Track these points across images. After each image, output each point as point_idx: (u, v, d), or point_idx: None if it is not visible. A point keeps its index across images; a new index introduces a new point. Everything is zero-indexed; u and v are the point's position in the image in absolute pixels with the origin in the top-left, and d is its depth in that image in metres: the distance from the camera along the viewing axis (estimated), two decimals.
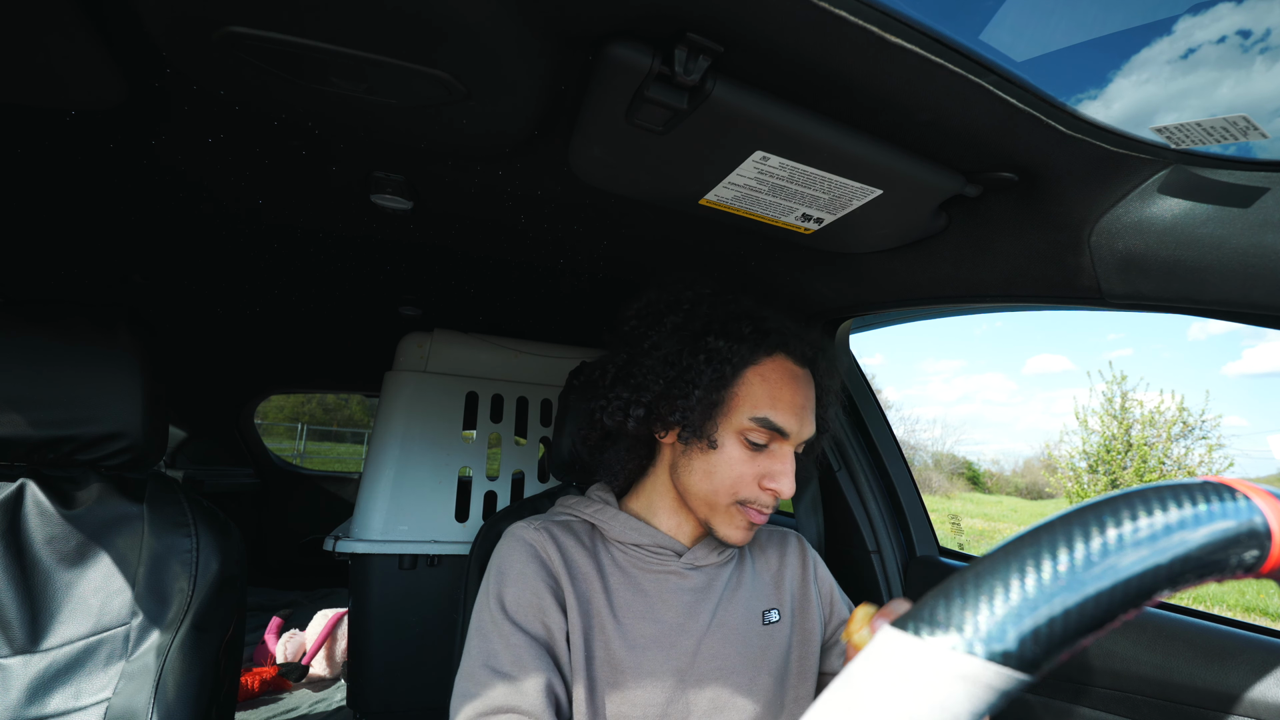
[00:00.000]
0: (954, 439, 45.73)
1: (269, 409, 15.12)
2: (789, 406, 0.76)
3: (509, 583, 0.73)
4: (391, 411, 1.50)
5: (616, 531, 0.81)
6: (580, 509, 0.85)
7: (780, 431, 0.75)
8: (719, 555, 0.83)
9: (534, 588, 0.73)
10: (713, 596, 0.79)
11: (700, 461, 0.77)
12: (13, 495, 0.78)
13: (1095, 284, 0.69)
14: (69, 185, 0.93)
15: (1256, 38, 0.50)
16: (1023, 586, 0.24)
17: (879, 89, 0.53)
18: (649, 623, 0.75)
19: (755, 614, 0.81)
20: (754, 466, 0.75)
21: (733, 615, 0.79)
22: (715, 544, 0.83)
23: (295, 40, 0.50)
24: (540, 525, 0.80)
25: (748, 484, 0.75)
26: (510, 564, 0.75)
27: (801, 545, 0.92)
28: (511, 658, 0.67)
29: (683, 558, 0.80)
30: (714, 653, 0.76)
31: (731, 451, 0.75)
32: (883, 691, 0.24)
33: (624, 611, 0.76)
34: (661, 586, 0.78)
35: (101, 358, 0.81)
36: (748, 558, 0.87)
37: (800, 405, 0.77)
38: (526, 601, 0.72)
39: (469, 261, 1.25)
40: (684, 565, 0.80)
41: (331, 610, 2.56)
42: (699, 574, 0.80)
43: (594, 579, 0.77)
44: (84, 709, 0.74)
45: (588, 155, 0.68)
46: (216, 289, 1.56)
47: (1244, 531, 0.24)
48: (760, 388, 0.76)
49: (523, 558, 0.75)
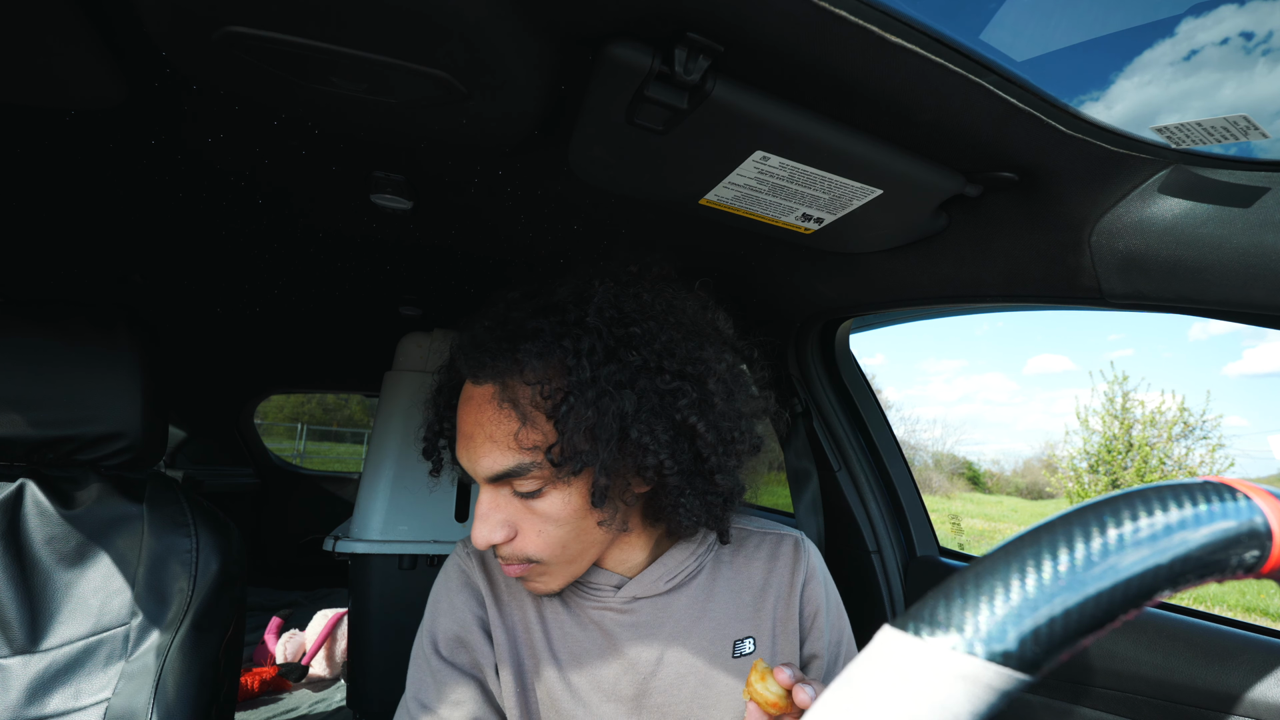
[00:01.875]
0: (954, 439, 45.76)
1: (269, 409, 15.12)
2: (460, 436, 0.63)
3: (439, 614, 0.70)
4: (391, 411, 1.50)
5: None
6: None
7: (462, 467, 0.64)
8: (666, 583, 0.70)
9: (461, 619, 0.69)
10: (662, 632, 0.69)
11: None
12: (12, 495, 0.78)
13: (1095, 284, 0.69)
14: (69, 185, 0.93)
15: (1259, 39, 0.50)
16: (1023, 586, 0.24)
17: (879, 89, 0.53)
18: (586, 663, 0.68)
19: (724, 644, 0.70)
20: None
21: (690, 649, 0.69)
22: (665, 570, 0.71)
23: (295, 40, 0.50)
24: (473, 549, 0.74)
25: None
26: (441, 594, 0.72)
27: (797, 553, 0.76)
28: (437, 693, 0.65)
29: (620, 590, 0.70)
30: (665, 694, 0.67)
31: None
32: (883, 691, 0.24)
33: (561, 649, 0.69)
34: (600, 621, 0.69)
35: (101, 357, 0.81)
36: (723, 576, 0.74)
37: (467, 433, 0.61)
38: (453, 635, 0.69)
39: (469, 261, 1.25)
40: (621, 601, 0.70)
41: (331, 610, 2.56)
42: (642, 606, 0.70)
43: (529, 608, 0.70)
44: (84, 709, 0.74)
45: (588, 155, 0.68)
46: (216, 289, 1.56)
47: (1244, 532, 0.24)
48: None
49: (453, 586, 0.72)
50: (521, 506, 0.62)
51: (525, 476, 0.59)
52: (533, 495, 0.61)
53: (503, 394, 0.59)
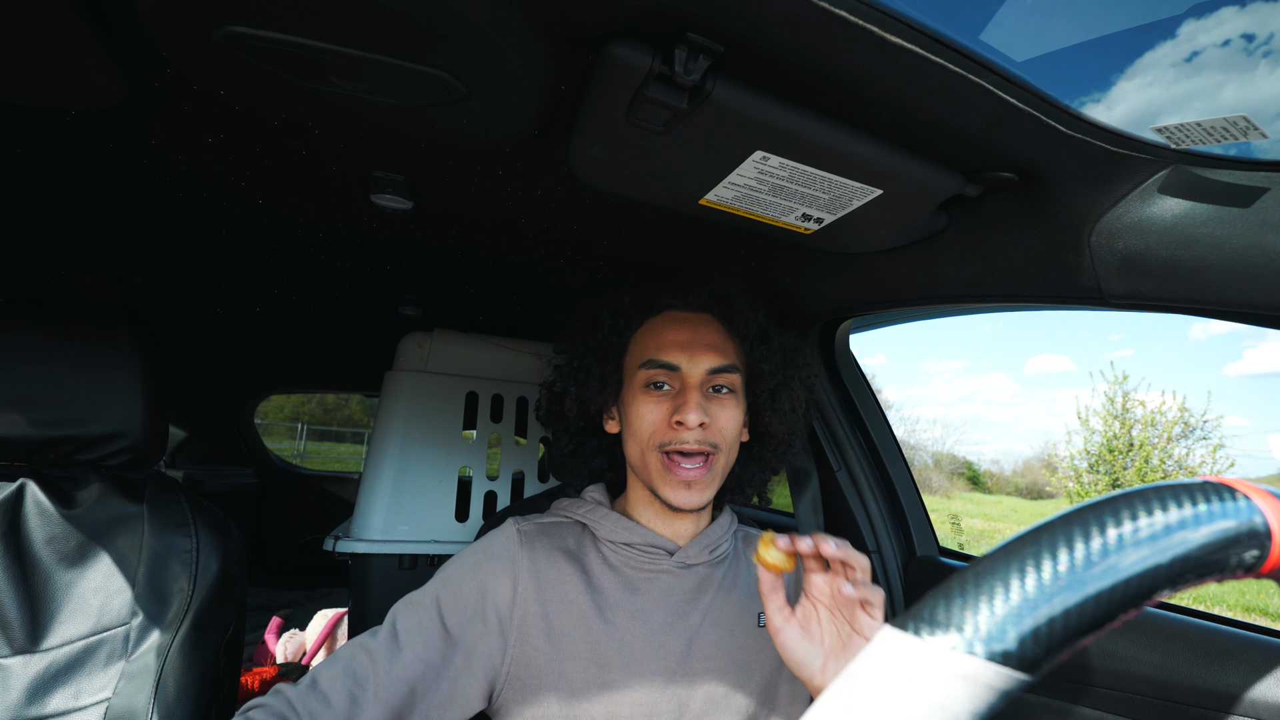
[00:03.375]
0: (954, 439, 45.75)
1: (269, 409, 15.12)
2: (672, 343, 0.80)
3: (463, 569, 0.77)
4: (391, 411, 1.50)
5: (607, 531, 0.82)
6: (573, 510, 0.86)
7: (667, 366, 0.79)
8: (711, 554, 0.83)
9: (479, 586, 0.75)
10: (705, 596, 0.80)
11: (628, 430, 0.82)
12: (13, 495, 0.78)
13: (1095, 284, 0.69)
14: (69, 185, 0.93)
15: (1260, 41, 0.50)
16: (1023, 586, 0.24)
17: (879, 89, 0.53)
18: (639, 622, 0.76)
19: (750, 615, 0.81)
20: (663, 409, 0.78)
21: (726, 615, 0.79)
22: (708, 542, 0.83)
23: (295, 40, 0.50)
24: (525, 528, 0.82)
25: (660, 427, 0.78)
26: (473, 557, 0.79)
27: None
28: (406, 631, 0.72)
29: (674, 556, 0.81)
30: (705, 653, 0.76)
31: (640, 404, 0.80)
32: (883, 691, 0.24)
33: (613, 611, 0.76)
34: (653, 586, 0.79)
35: (101, 357, 0.81)
36: (744, 560, 0.87)
37: (686, 340, 0.81)
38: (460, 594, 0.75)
39: (469, 261, 1.25)
40: (675, 564, 0.80)
41: (331, 610, 2.55)
42: (691, 573, 0.81)
43: (575, 582, 0.77)
44: (84, 709, 0.74)
45: (588, 155, 0.68)
46: (216, 289, 1.56)
47: (1244, 531, 0.24)
48: (646, 339, 0.84)
49: (492, 553, 0.79)
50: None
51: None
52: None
53: (714, 320, 0.86)
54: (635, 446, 0.81)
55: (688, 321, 0.84)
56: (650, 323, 0.86)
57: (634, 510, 0.85)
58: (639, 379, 0.81)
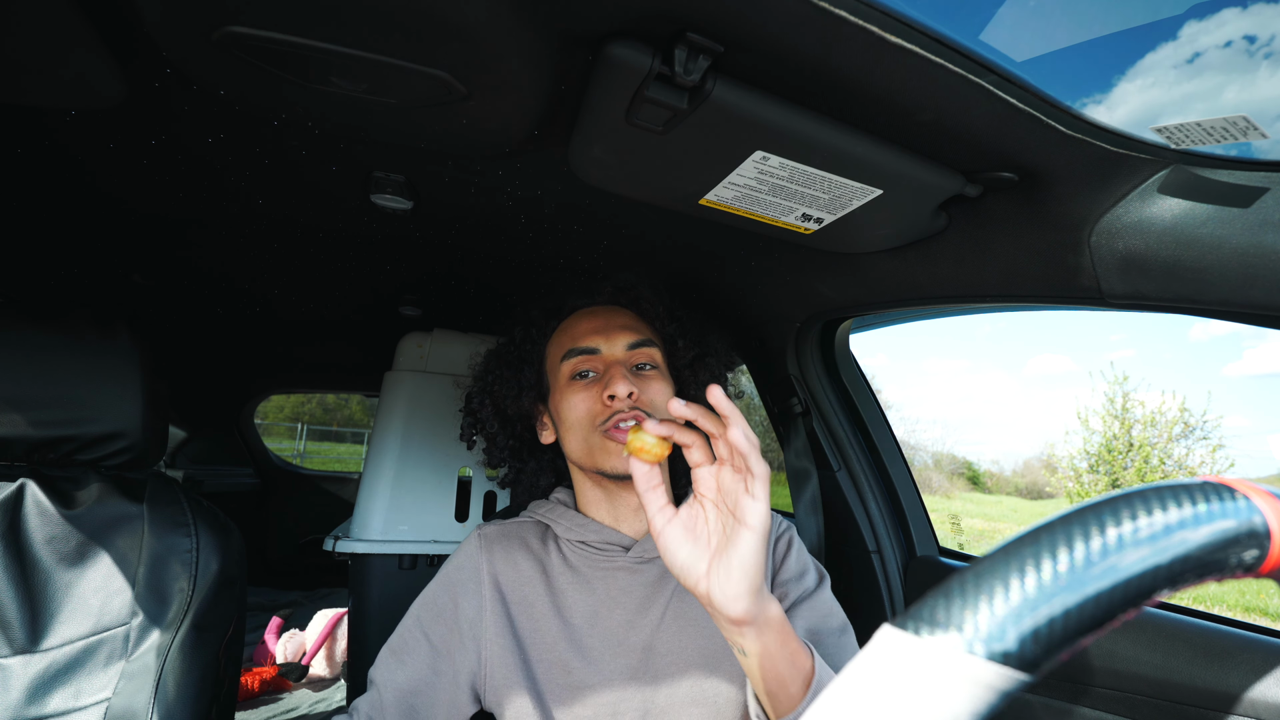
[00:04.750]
0: (954, 439, 45.70)
1: (269, 409, 15.13)
2: (587, 331, 0.83)
3: (438, 588, 0.81)
4: (391, 411, 1.50)
5: (564, 529, 0.83)
6: (537, 510, 0.88)
7: (586, 350, 0.81)
8: None
9: (454, 598, 0.79)
10: (666, 590, 0.79)
11: (562, 427, 0.83)
12: (13, 495, 0.78)
13: (1095, 284, 0.69)
14: (69, 185, 0.93)
15: (1261, 43, 0.50)
16: (1023, 586, 0.24)
17: (879, 89, 0.53)
18: (598, 621, 0.76)
19: None
20: (591, 393, 0.80)
21: (688, 608, 0.78)
22: None
23: (295, 40, 0.50)
24: (487, 531, 0.85)
25: (595, 408, 0.79)
26: (445, 571, 0.82)
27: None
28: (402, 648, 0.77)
29: (630, 551, 0.80)
30: (669, 648, 0.76)
31: (570, 397, 0.81)
32: (883, 691, 0.24)
33: (571, 611, 0.77)
34: (610, 584, 0.79)
35: (101, 357, 0.81)
36: None
37: (600, 326, 0.83)
38: (438, 609, 0.79)
39: (469, 261, 1.25)
40: (632, 560, 0.80)
41: (331, 610, 2.56)
42: (650, 567, 0.80)
43: (537, 583, 0.79)
44: (84, 709, 0.74)
45: (588, 155, 0.68)
46: (216, 289, 1.55)
47: (1244, 531, 0.24)
48: (561, 338, 0.86)
49: (458, 566, 0.82)
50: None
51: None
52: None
53: (623, 308, 0.90)
54: (575, 438, 0.80)
55: (596, 312, 0.87)
56: (562, 324, 0.89)
57: (589, 508, 0.85)
58: (563, 373, 0.82)
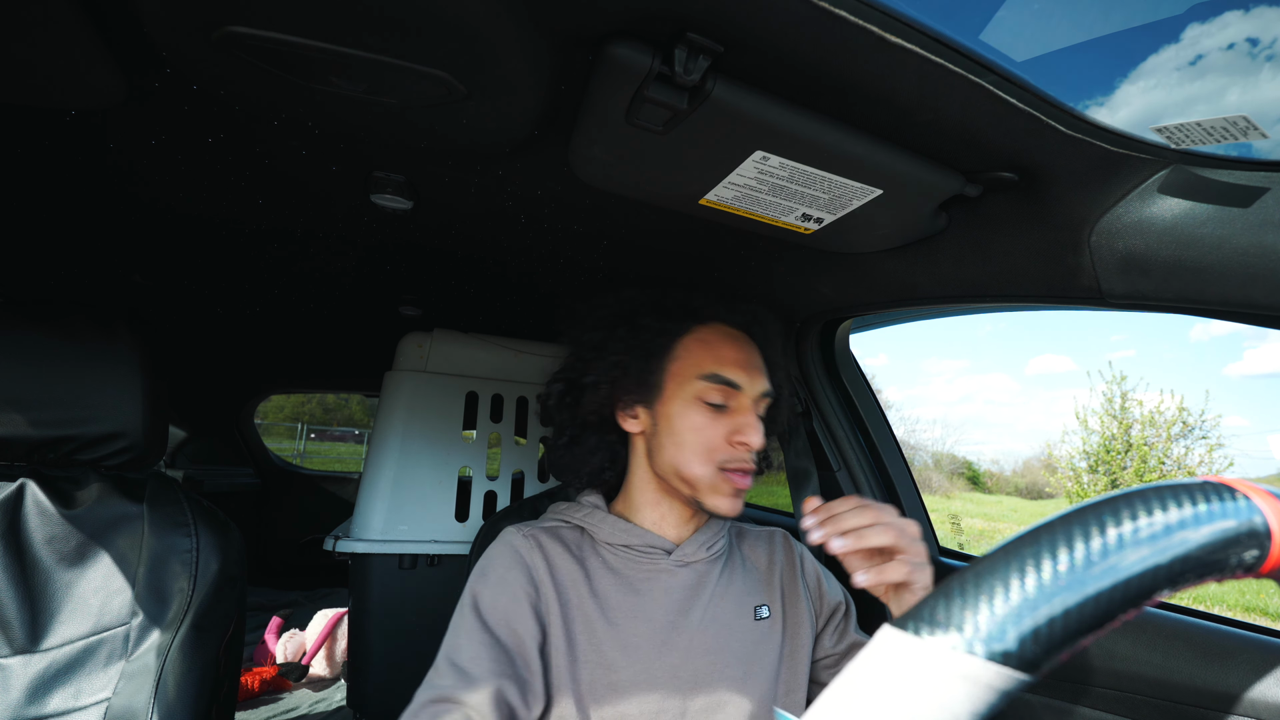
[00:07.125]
0: (954, 439, 45.75)
1: (269, 409, 15.13)
2: (733, 361, 0.80)
3: (488, 585, 0.76)
4: (391, 411, 1.50)
5: (605, 534, 0.82)
6: (570, 514, 0.87)
7: (731, 384, 0.79)
8: (708, 551, 0.84)
9: (511, 593, 0.74)
10: (704, 593, 0.81)
11: (669, 438, 0.80)
12: (13, 495, 0.78)
13: (1095, 284, 0.69)
14: (70, 185, 0.93)
15: (1263, 45, 0.50)
16: (1023, 586, 0.24)
17: (879, 89, 0.53)
18: (641, 622, 0.77)
19: (747, 609, 0.82)
20: (719, 426, 0.79)
21: (724, 611, 0.80)
22: (704, 540, 0.84)
23: (295, 40, 0.50)
24: (529, 533, 0.82)
25: (718, 445, 0.78)
26: (493, 567, 0.78)
27: (788, 541, 0.94)
28: (471, 655, 0.69)
29: (671, 555, 0.82)
30: (707, 648, 0.77)
31: (694, 418, 0.79)
32: (883, 691, 0.24)
33: (615, 613, 0.77)
34: (653, 585, 0.80)
35: (101, 357, 0.81)
36: (738, 555, 0.89)
37: (745, 360, 0.81)
38: (501, 606, 0.73)
39: (469, 261, 1.25)
40: (673, 563, 0.81)
41: (331, 610, 2.55)
42: (689, 571, 0.82)
43: (581, 584, 0.78)
44: (84, 709, 0.74)
45: (588, 155, 0.68)
46: (216, 289, 1.55)
47: (1244, 531, 0.24)
48: (701, 350, 0.82)
49: (506, 563, 0.78)
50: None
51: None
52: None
53: (753, 341, 0.87)
54: (684, 457, 0.79)
55: (739, 340, 0.84)
56: (701, 331, 0.84)
57: (635, 512, 0.85)
58: (694, 389, 0.79)
